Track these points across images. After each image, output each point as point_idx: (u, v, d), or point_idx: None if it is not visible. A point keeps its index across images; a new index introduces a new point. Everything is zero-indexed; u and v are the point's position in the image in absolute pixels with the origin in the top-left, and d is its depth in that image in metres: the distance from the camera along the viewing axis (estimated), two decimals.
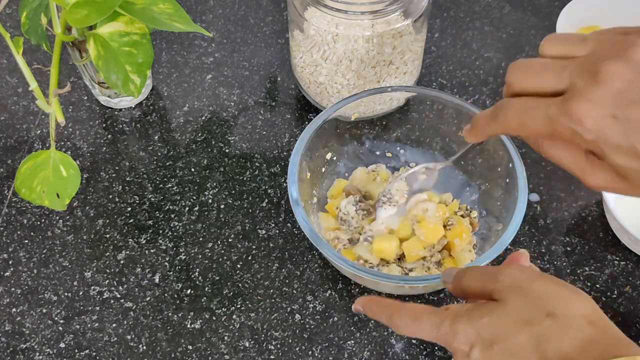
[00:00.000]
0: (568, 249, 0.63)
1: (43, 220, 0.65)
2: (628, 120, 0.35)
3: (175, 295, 0.61)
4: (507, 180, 0.58)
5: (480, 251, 0.59)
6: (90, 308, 0.60)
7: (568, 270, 0.61)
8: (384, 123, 0.66)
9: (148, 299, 0.60)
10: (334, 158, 0.64)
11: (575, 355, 0.36)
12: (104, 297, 0.61)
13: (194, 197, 0.67)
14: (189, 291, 0.61)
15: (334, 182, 0.64)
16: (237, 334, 0.58)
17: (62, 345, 0.58)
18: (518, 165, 0.57)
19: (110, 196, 0.67)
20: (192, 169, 0.69)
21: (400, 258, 0.59)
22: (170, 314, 0.59)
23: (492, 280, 0.40)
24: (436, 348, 0.57)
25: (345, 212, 0.60)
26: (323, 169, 0.64)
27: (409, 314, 0.42)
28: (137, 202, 0.66)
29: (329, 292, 0.60)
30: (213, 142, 0.71)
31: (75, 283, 0.61)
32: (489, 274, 0.41)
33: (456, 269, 0.44)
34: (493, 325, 0.38)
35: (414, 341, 0.58)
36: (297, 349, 0.58)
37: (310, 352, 0.57)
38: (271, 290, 0.61)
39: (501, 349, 0.37)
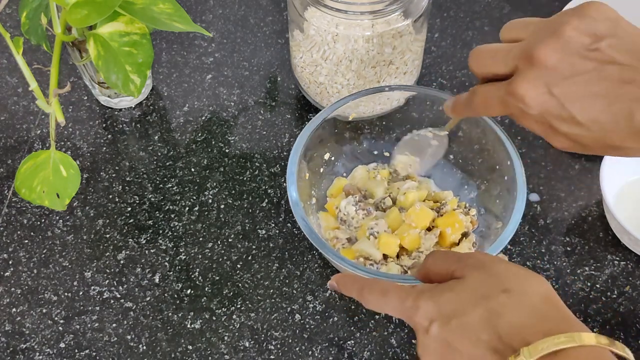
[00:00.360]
0: (568, 249, 0.63)
1: (43, 220, 0.65)
2: (563, 94, 0.40)
3: (175, 295, 0.61)
4: (506, 178, 0.58)
5: (480, 249, 0.59)
6: (90, 308, 0.60)
7: (568, 270, 0.61)
8: (383, 123, 0.66)
9: (148, 299, 0.60)
10: (332, 158, 0.64)
11: (526, 329, 0.37)
12: (104, 297, 0.61)
13: (194, 197, 0.67)
14: (189, 291, 0.61)
15: (333, 181, 0.64)
16: (237, 334, 0.58)
17: (62, 345, 0.58)
18: (517, 163, 0.57)
19: (110, 196, 0.67)
20: (192, 169, 0.69)
21: (399, 255, 0.59)
22: (170, 314, 0.59)
23: (456, 260, 0.42)
24: None
25: (345, 212, 0.60)
26: (322, 169, 0.64)
27: (379, 288, 0.43)
28: (137, 202, 0.66)
29: (329, 292, 0.60)
30: (213, 142, 0.71)
31: (75, 283, 0.61)
32: (453, 256, 0.43)
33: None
34: (452, 301, 0.39)
35: (414, 341, 0.58)
36: (297, 349, 0.58)
37: (310, 352, 0.57)
38: (271, 290, 0.61)
39: (457, 324, 0.38)
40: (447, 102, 0.50)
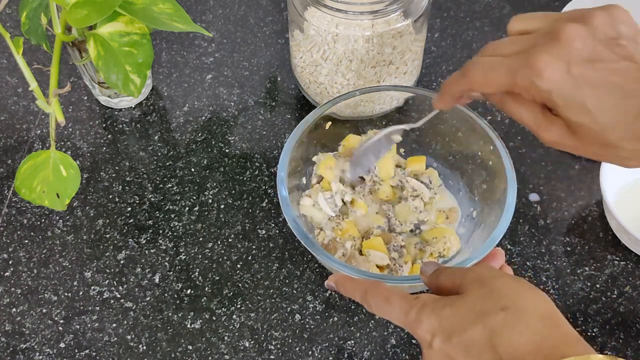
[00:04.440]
0: (568, 249, 0.63)
1: (43, 220, 0.65)
2: (581, 76, 0.39)
3: (175, 295, 0.61)
4: (497, 180, 0.58)
5: (473, 245, 0.59)
6: (90, 308, 0.60)
7: (568, 270, 0.61)
8: (383, 123, 0.66)
9: (148, 299, 0.60)
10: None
11: (527, 352, 0.36)
12: (104, 297, 0.61)
13: (194, 197, 0.67)
14: (189, 291, 0.61)
15: (321, 160, 0.63)
16: (237, 334, 0.58)
17: (62, 345, 0.58)
18: (507, 162, 0.56)
19: (110, 196, 0.67)
20: (192, 169, 0.69)
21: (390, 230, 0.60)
22: (170, 314, 0.59)
23: (461, 276, 0.42)
24: None
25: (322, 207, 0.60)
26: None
27: (382, 294, 0.43)
28: (137, 202, 0.66)
29: (329, 292, 0.60)
30: (213, 142, 0.71)
31: (75, 283, 0.61)
32: (459, 271, 0.43)
33: (436, 264, 0.46)
34: (452, 316, 0.39)
35: (414, 341, 0.58)
36: (297, 349, 0.58)
37: (310, 352, 0.57)
38: (271, 290, 0.61)
39: (458, 341, 0.38)
40: (434, 97, 0.50)
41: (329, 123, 0.62)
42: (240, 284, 0.61)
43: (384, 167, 0.62)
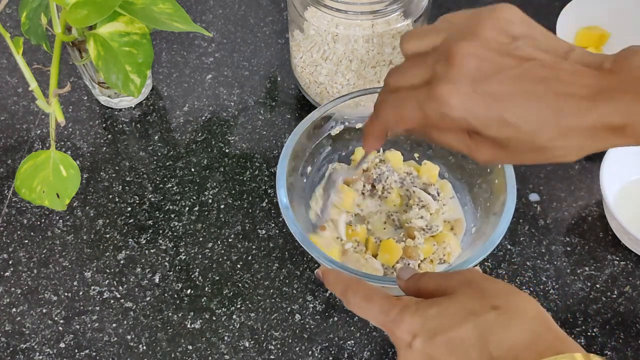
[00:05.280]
0: (568, 249, 0.63)
1: (43, 220, 0.65)
2: (489, 94, 0.38)
3: (175, 295, 0.61)
4: (497, 181, 0.57)
5: (472, 248, 0.59)
6: (90, 308, 0.60)
7: (568, 270, 0.61)
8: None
9: (148, 299, 0.60)
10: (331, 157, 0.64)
11: (520, 349, 0.36)
12: (104, 297, 0.61)
13: (194, 197, 0.67)
14: (189, 291, 0.61)
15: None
16: (237, 334, 0.58)
17: (62, 345, 0.58)
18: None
19: (110, 196, 0.67)
20: (192, 169, 0.69)
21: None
22: (170, 314, 0.59)
23: (447, 279, 0.41)
24: None
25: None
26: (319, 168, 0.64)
27: (363, 292, 0.42)
28: (137, 202, 0.66)
29: (329, 292, 0.60)
30: (213, 142, 0.71)
31: (75, 283, 0.61)
32: (445, 275, 0.42)
33: (413, 270, 0.45)
34: (439, 316, 0.38)
35: None
36: (297, 349, 0.58)
37: (310, 352, 0.57)
38: (271, 290, 0.61)
39: (444, 339, 0.37)
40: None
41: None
42: (240, 284, 0.61)
43: (393, 158, 0.62)
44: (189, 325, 0.59)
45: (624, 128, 0.37)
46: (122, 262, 0.63)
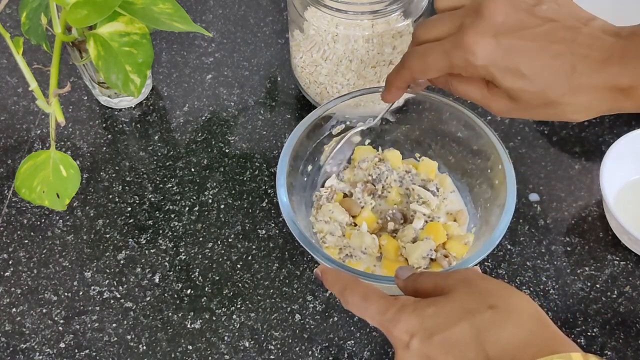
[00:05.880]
0: (568, 249, 0.63)
1: (43, 220, 0.65)
2: (510, 46, 0.42)
3: (175, 295, 0.61)
4: (497, 181, 0.57)
5: (475, 246, 0.59)
6: (90, 308, 0.60)
7: (568, 270, 0.61)
8: (383, 123, 0.66)
9: (148, 299, 0.60)
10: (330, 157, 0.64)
11: (516, 348, 0.36)
12: (104, 297, 0.61)
13: (194, 197, 0.67)
14: (189, 291, 0.61)
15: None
16: (237, 334, 0.58)
17: (62, 345, 0.58)
18: (507, 164, 0.56)
19: (110, 196, 0.67)
20: (192, 169, 0.69)
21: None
22: (170, 314, 0.59)
23: (444, 278, 0.42)
24: None
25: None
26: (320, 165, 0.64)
27: (361, 292, 0.42)
28: (137, 202, 0.66)
29: (329, 292, 0.60)
30: (213, 142, 0.71)
31: (75, 283, 0.61)
32: (442, 274, 0.43)
33: (412, 268, 0.45)
34: (436, 315, 0.38)
35: None
36: (297, 349, 0.58)
37: (310, 352, 0.57)
38: (271, 290, 0.61)
39: (441, 339, 0.37)
40: (382, 91, 0.52)
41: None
42: (240, 284, 0.61)
43: (392, 158, 0.63)
44: (189, 325, 0.59)
45: (630, 90, 0.41)
46: (122, 262, 0.63)
